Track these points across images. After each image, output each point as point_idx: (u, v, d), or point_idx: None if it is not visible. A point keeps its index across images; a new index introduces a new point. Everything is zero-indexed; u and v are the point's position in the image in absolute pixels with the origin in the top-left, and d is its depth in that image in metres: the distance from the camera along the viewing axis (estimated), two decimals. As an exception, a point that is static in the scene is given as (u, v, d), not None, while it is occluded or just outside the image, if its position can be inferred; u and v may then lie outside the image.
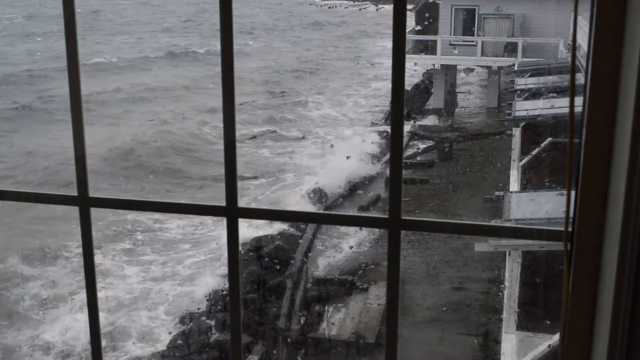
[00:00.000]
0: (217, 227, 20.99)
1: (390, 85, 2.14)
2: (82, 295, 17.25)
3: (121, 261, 19.73)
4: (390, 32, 2.09)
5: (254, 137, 32.12)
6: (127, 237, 21.06)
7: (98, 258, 18.99)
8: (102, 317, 16.25)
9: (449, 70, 35.45)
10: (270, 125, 34.64)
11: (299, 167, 28.14)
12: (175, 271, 19.27)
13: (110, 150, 28.20)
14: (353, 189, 24.47)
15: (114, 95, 38.36)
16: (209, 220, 21.64)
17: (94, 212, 2.53)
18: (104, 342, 2.85)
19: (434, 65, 34.75)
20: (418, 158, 26.94)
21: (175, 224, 21.87)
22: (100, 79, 40.95)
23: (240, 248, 2.69)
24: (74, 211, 2.55)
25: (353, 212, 21.82)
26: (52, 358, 15.58)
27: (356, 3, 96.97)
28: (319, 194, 23.73)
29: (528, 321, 13.46)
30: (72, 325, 16.32)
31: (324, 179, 25.53)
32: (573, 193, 1.92)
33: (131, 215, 21.74)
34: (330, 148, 30.43)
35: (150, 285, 18.48)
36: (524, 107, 21.42)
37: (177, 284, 18.58)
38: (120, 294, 17.94)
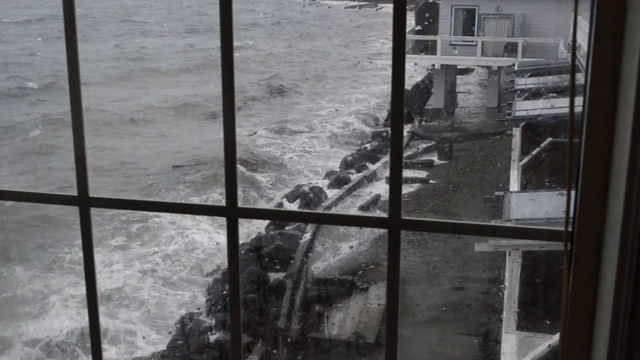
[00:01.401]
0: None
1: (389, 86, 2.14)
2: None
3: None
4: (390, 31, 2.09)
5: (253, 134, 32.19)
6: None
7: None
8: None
9: (449, 70, 35.46)
10: (270, 124, 34.70)
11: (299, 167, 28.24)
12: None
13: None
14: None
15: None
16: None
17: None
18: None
19: (434, 65, 34.75)
20: (418, 158, 26.96)
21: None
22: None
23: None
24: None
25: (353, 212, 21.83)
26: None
27: (356, 3, 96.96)
28: (318, 193, 23.74)
29: (528, 321, 13.46)
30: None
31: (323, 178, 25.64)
32: (573, 193, 1.92)
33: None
34: (330, 149, 30.46)
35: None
36: (524, 107, 21.42)
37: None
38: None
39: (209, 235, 20.85)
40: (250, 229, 20.88)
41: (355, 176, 25.40)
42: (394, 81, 2.11)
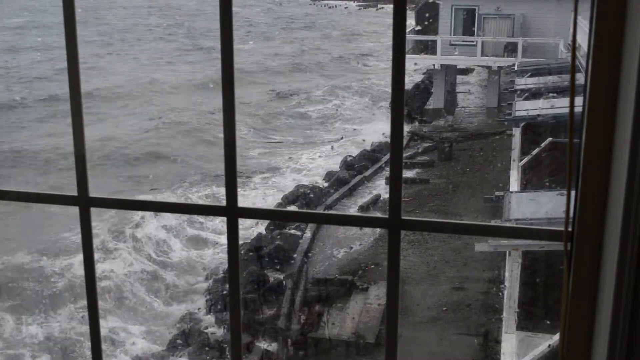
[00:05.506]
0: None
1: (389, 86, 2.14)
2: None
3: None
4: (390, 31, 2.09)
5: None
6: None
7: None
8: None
9: (449, 70, 35.46)
10: (270, 125, 34.71)
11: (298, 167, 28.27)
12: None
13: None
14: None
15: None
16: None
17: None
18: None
19: (434, 65, 34.76)
20: (418, 158, 26.95)
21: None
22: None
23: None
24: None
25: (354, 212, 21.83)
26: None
27: (357, 3, 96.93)
28: (319, 193, 23.73)
29: (528, 321, 13.46)
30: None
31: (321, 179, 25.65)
32: (573, 193, 1.92)
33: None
34: (330, 150, 30.46)
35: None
36: (524, 107, 21.42)
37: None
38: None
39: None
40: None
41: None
42: (394, 81, 2.11)
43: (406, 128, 29.80)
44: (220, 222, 20.69)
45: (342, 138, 32.42)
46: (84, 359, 15.25)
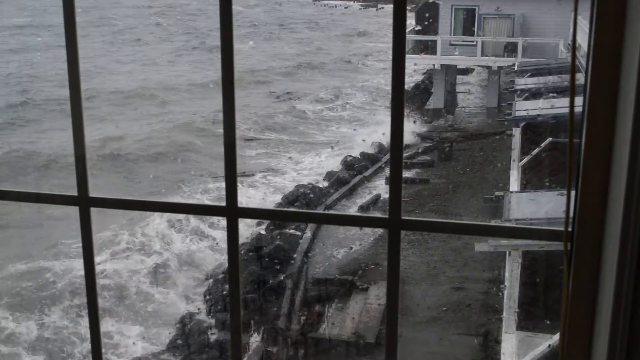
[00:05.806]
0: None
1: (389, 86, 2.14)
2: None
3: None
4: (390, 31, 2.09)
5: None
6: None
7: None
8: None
9: (449, 70, 35.47)
10: (270, 125, 34.72)
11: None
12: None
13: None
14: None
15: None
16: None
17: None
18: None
19: (434, 65, 34.76)
20: (418, 158, 26.95)
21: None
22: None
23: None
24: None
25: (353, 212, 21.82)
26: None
27: (357, 3, 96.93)
28: (319, 192, 23.73)
29: (528, 321, 13.46)
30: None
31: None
32: (573, 193, 1.92)
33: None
34: (330, 150, 30.47)
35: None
36: (524, 107, 21.43)
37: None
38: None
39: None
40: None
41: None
42: (394, 81, 2.11)
43: (412, 129, 29.82)
44: (216, 218, 20.82)
45: (341, 139, 32.43)
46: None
